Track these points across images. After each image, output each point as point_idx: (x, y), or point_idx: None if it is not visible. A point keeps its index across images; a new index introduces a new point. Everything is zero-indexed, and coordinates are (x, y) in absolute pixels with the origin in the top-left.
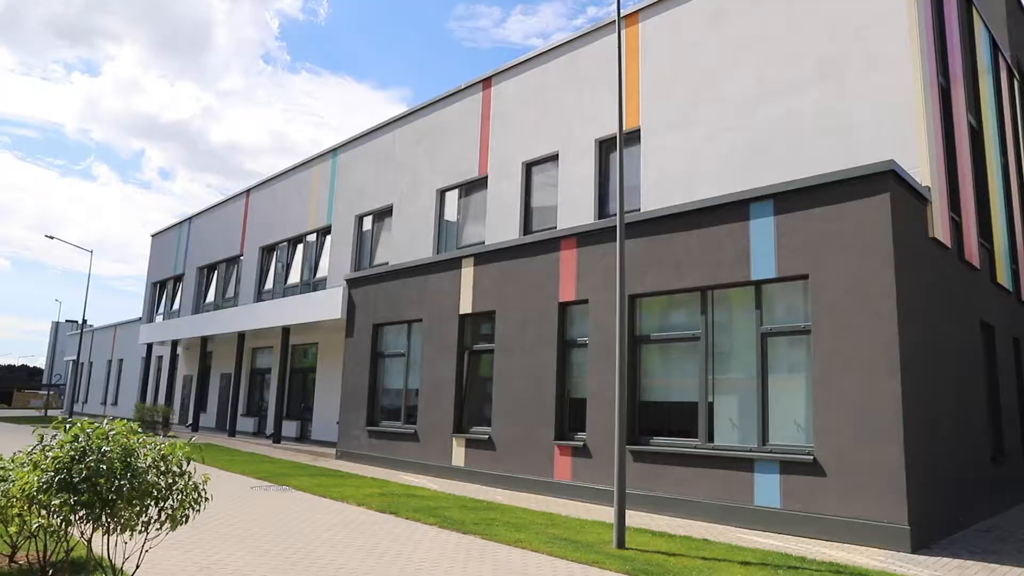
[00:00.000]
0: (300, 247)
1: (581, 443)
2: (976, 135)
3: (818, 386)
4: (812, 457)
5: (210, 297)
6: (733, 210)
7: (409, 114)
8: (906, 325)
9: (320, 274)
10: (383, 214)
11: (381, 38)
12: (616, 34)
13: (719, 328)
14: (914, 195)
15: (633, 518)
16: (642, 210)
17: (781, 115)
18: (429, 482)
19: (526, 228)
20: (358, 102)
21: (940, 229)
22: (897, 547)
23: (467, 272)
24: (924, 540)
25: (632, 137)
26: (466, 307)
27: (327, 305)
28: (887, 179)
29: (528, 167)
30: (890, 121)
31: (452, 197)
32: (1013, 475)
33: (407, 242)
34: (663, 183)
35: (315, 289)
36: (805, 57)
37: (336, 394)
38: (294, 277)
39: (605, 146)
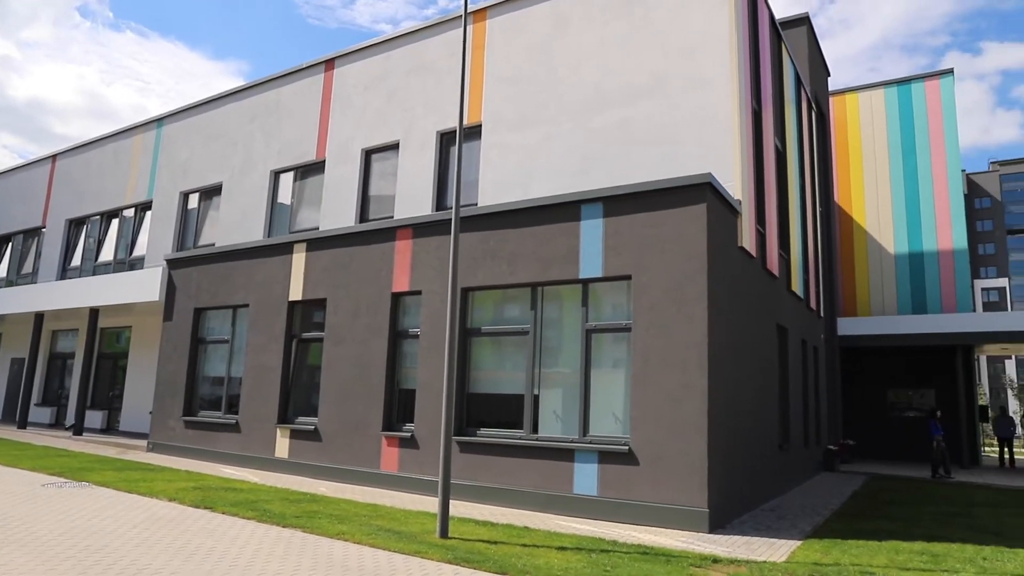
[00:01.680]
0: (115, 222)
1: (409, 434)
2: (781, 157)
3: (635, 381)
4: (628, 447)
5: (1, 272)
6: (565, 210)
7: (245, 89)
8: (715, 326)
9: (137, 252)
10: (211, 192)
11: (220, 5)
12: (462, 28)
13: (547, 323)
14: (727, 207)
15: (458, 508)
16: (479, 205)
17: (615, 123)
18: (250, 475)
19: (363, 216)
20: (189, 71)
21: (748, 239)
22: (697, 528)
23: (299, 258)
24: (720, 521)
25: (473, 132)
26: (296, 294)
27: (144, 286)
28: (705, 190)
29: (368, 154)
30: (709, 137)
31: (287, 179)
32: (795, 461)
33: (236, 223)
34: (501, 179)
35: (131, 268)
36: (640, 71)
37: (150, 382)
38: (107, 255)
39: (446, 139)
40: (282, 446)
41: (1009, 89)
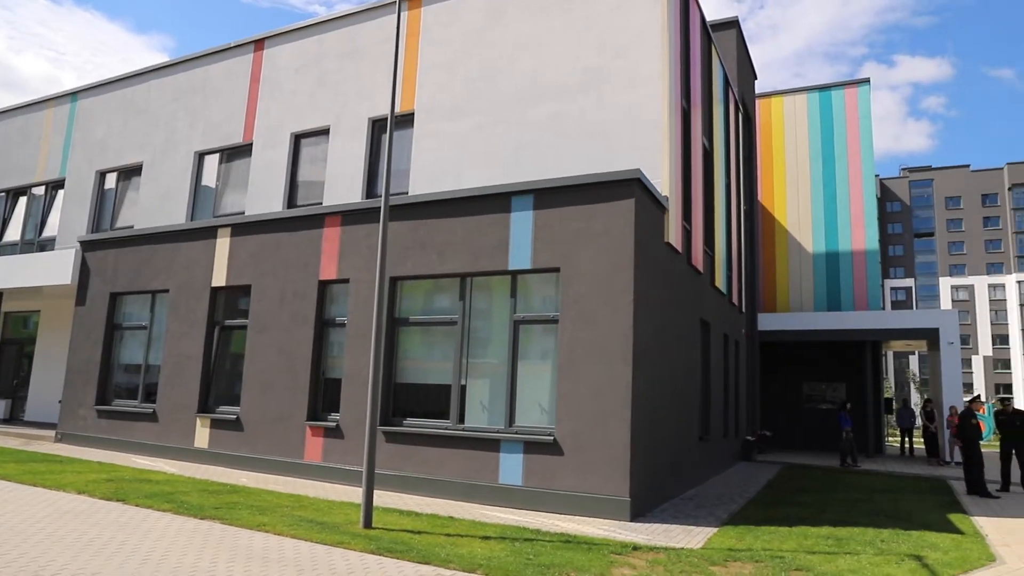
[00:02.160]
0: (23, 200)
1: (334, 424)
2: (708, 156)
3: (562, 372)
4: (553, 438)
5: None
6: (496, 201)
7: (169, 66)
8: (640, 319)
9: (48, 233)
10: (131, 172)
11: None
12: (397, 14)
13: (476, 314)
14: (655, 203)
15: (383, 498)
16: (410, 193)
17: (549, 116)
18: (167, 465)
19: (291, 201)
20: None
21: (674, 235)
22: (619, 517)
23: (223, 243)
24: (641, 509)
25: (406, 120)
26: (220, 280)
27: (55, 269)
28: (633, 186)
29: (297, 138)
30: (640, 134)
31: (212, 161)
32: (715, 451)
33: (157, 205)
34: (433, 169)
35: (41, 250)
36: (574, 66)
37: (60, 369)
38: (13, 234)
39: (378, 126)
40: (202, 436)
41: (919, 101)
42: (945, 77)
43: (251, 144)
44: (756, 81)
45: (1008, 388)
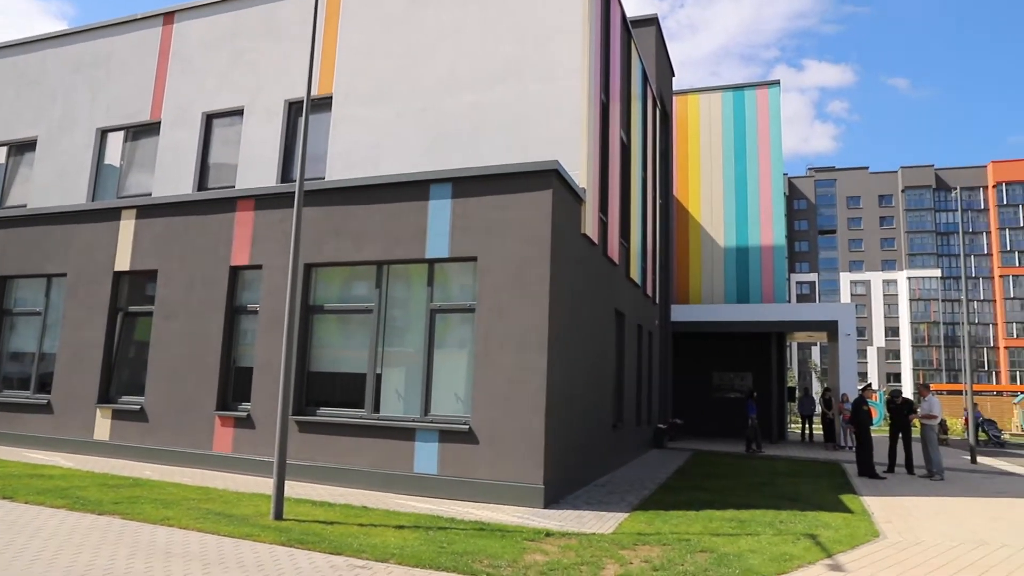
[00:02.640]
0: None
1: (245, 414)
2: (626, 150)
3: (478, 361)
4: (468, 427)
5: None
6: (414, 189)
7: (70, 35)
8: (556, 309)
9: None
10: (23, 147)
11: None
12: None
13: (392, 302)
14: (572, 194)
15: (295, 489)
16: (327, 179)
17: (468, 105)
18: (63, 459)
19: (201, 184)
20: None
21: (591, 227)
22: (533, 504)
23: (127, 225)
24: (555, 496)
25: (323, 104)
26: (123, 264)
27: None
28: (551, 177)
29: (209, 118)
30: (558, 126)
31: (116, 139)
32: (627, 439)
33: (53, 183)
34: (350, 154)
35: None
36: (494, 56)
37: None
38: None
39: (295, 108)
40: (102, 428)
41: (826, 104)
42: (848, 83)
43: (159, 122)
44: (674, 78)
45: (897, 377)
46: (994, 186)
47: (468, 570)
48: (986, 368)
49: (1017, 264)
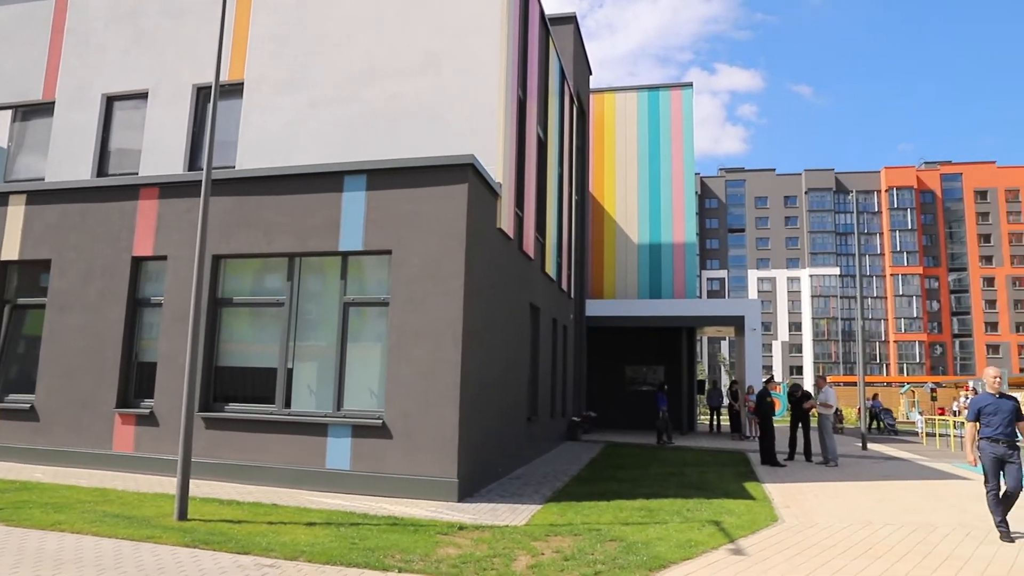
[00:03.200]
0: None
1: (148, 411)
2: (542, 145)
3: (391, 355)
4: (381, 421)
5: None
6: (328, 180)
7: None
8: (470, 303)
9: None
10: None
11: None
12: None
13: (304, 295)
14: (488, 189)
15: (202, 488)
16: (237, 168)
17: (385, 97)
18: None
19: (101, 169)
20: None
21: (506, 221)
22: (447, 498)
23: (16, 211)
24: (469, 490)
25: (234, 90)
26: (11, 253)
27: None
28: (467, 171)
29: (110, 100)
30: (475, 120)
31: (3, 118)
32: (542, 432)
33: None
34: (262, 143)
35: None
36: (412, 48)
37: None
38: None
39: (204, 94)
40: None
41: (736, 108)
42: (757, 88)
43: (53, 103)
44: (592, 77)
45: (800, 370)
46: (886, 190)
47: (380, 565)
48: (878, 361)
49: (906, 264)
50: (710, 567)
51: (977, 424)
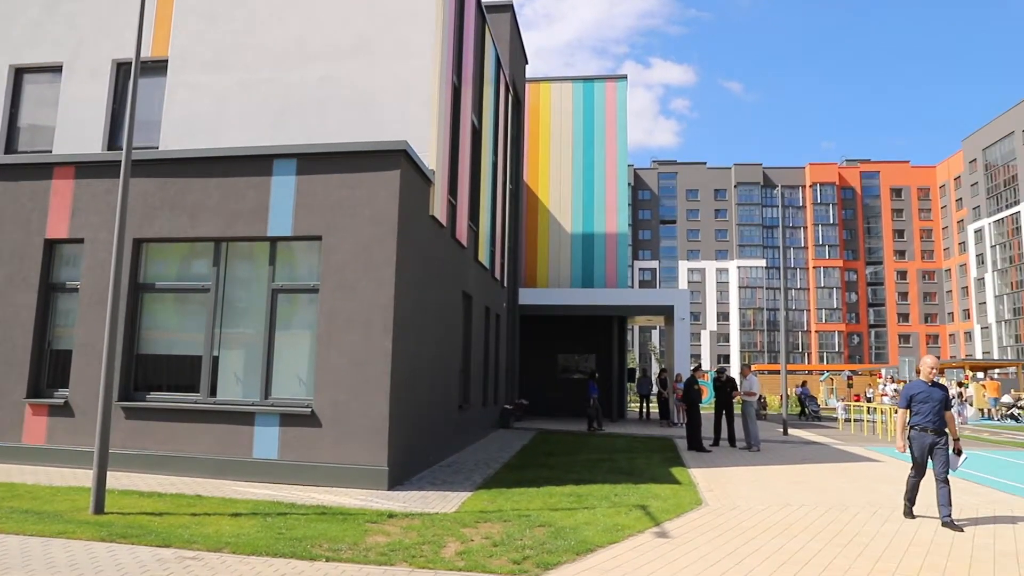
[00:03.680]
0: None
1: (62, 401)
2: (477, 133)
3: (321, 343)
4: (310, 409)
5: None
6: (257, 163)
7: None
8: (402, 290)
9: None
10: None
11: None
12: None
13: (231, 281)
14: (421, 175)
15: (121, 480)
16: (161, 148)
17: (316, 79)
18: None
19: (9, 146)
20: None
21: (439, 209)
22: (377, 486)
23: None
24: (399, 478)
25: (158, 67)
26: None
27: None
28: (399, 157)
29: (19, 73)
30: (409, 106)
31: None
32: (474, 419)
33: None
34: (187, 124)
35: None
36: (345, 30)
37: None
38: None
39: (124, 70)
40: None
41: (669, 101)
42: (690, 83)
43: None
44: (528, 66)
45: (727, 359)
46: (810, 186)
47: (307, 555)
48: (800, 350)
49: (827, 257)
50: (635, 550)
51: (908, 411)
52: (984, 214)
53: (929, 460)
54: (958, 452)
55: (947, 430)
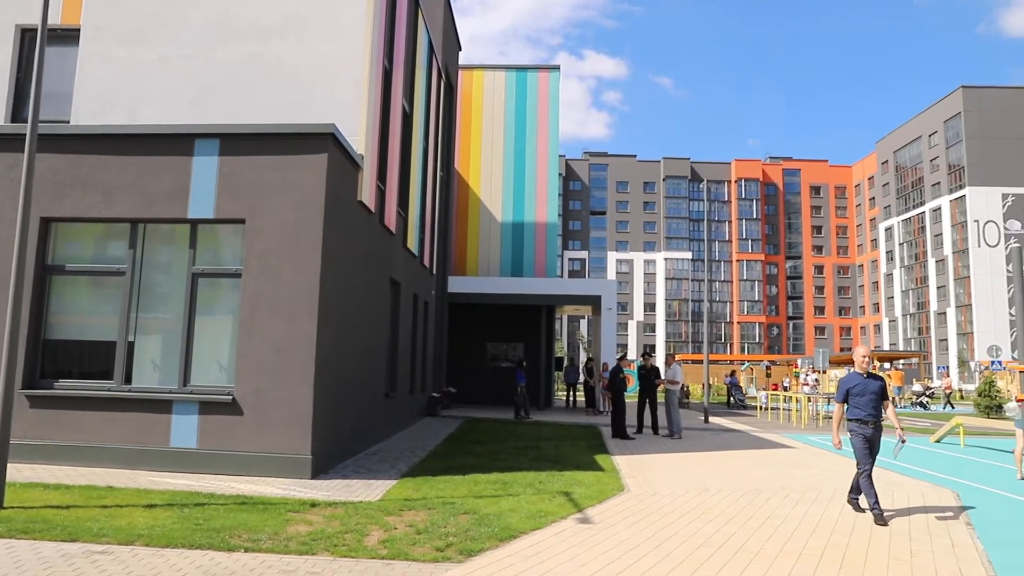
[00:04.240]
0: None
1: None
2: (408, 119)
3: (243, 328)
4: (232, 397)
5: None
6: (177, 143)
7: None
8: (328, 276)
9: None
10: None
11: None
12: None
13: (149, 265)
14: (349, 160)
15: (24, 472)
16: (72, 123)
17: (243, 57)
18: None
19: None
20: None
21: (367, 194)
22: (300, 475)
23: None
24: (323, 467)
25: (69, 36)
26: None
27: None
28: (327, 141)
29: None
30: (338, 88)
31: None
32: (401, 407)
33: None
34: (102, 98)
35: None
36: (274, 8)
37: None
38: None
39: (30, 37)
40: None
41: (601, 94)
42: (622, 76)
43: None
44: (461, 53)
45: (653, 348)
46: (735, 181)
47: (225, 546)
48: (723, 340)
49: (750, 251)
50: (558, 536)
51: (845, 405)
52: (894, 213)
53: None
54: (902, 441)
55: (885, 421)
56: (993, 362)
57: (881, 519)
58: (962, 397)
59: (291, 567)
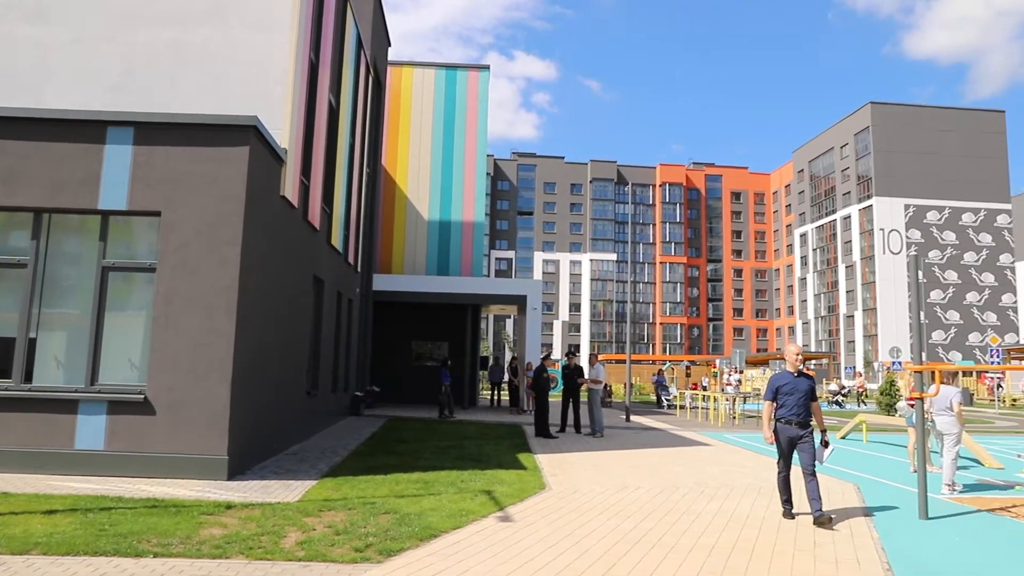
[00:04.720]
0: None
1: None
2: (334, 113)
3: (157, 325)
4: (143, 396)
5: None
6: (88, 129)
7: None
8: (248, 272)
9: None
10: None
11: None
12: None
13: (54, 257)
14: (272, 154)
15: None
16: None
17: (164, 43)
18: None
19: None
20: None
21: (291, 189)
22: (216, 476)
23: None
24: (240, 467)
25: None
26: None
27: None
28: (249, 133)
29: None
30: (262, 80)
31: None
32: (323, 406)
33: None
34: (5, 79)
35: None
36: None
37: None
38: None
39: None
40: None
41: (531, 95)
42: (551, 78)
43: None
44: (391, 49)
45: (578, 348)
46: (660, 185)
47: (133, 551)
48: (645, 341)
49: (673, 254)
50: (479, 534)
51: (774, 403)
52: (808, 220)
53: (795, 454)
54: (825, 444)
55: (813, 422)
56: (894, 363)
57: (790, 514)
58: (867, 396)
59: (203, 571)
